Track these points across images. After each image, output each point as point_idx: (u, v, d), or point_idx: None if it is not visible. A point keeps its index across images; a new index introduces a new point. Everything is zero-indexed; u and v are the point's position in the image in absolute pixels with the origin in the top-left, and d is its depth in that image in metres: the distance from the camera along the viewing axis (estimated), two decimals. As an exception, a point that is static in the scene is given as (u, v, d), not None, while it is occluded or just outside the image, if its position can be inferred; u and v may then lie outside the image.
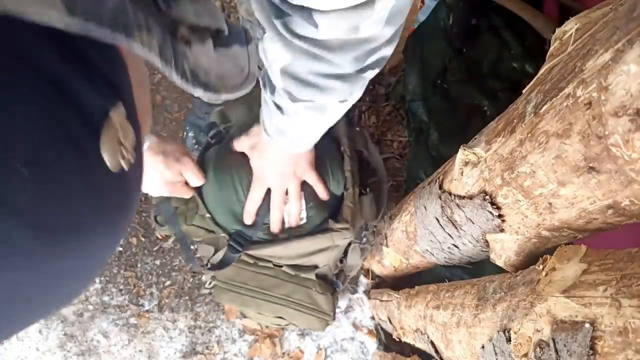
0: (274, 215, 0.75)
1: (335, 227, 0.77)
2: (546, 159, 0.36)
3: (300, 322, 0.84)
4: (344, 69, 0.51)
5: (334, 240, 0.78)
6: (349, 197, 0.80)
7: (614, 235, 0.40)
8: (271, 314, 0.84)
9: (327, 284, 0.84)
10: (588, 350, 0.32)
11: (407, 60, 1.33)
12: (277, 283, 0.81)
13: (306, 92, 0.54)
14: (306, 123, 0.61)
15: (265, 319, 0.89)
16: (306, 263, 0.82)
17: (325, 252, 0.80)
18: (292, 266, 0.82)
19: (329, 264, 0.82)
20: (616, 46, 0.27)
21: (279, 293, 0.81)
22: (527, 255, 0.49)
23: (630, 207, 0.32)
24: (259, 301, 0.81)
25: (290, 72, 0.52)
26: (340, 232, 0.77)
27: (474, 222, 0.53)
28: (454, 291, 0.67)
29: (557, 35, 0.43)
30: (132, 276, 1.36)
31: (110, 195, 0.23)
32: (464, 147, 0.51)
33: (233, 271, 0.81)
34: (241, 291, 0.81)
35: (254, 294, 0.81)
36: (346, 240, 0.79)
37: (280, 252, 0.79)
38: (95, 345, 1.33)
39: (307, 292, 0.81)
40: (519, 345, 0.43)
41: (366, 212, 0.84)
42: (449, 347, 0.65)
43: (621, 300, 0.30)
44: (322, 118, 0.60)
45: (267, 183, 0.74)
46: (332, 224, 0.78)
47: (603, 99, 0.28)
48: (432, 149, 1.28)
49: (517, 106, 0.44)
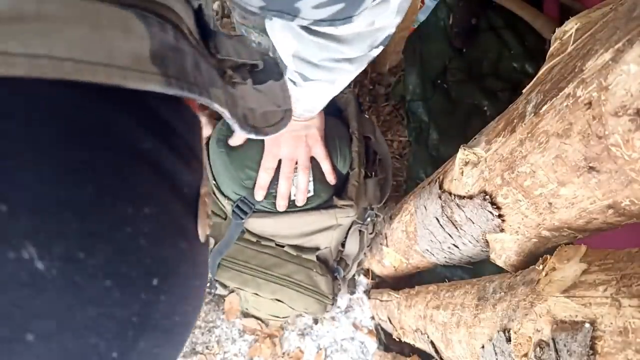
0: (282, 186, 0.75)
1: (339, 204, 0.78)
2: (546, 159, 0.36)
3: (298, 304, 0.85)
4: (354, 54, 0.53)
5: (337, 218, 0.78)
6: (355, 177, 0.82)
7: (614, 235, 0.40)
8: (270, 295, 0.84)
9: (327, 268, 0.85)
10: (588, 350, 0.32)
11: (407, 60, 1.33)
12: (279, 262, 0.82)
13: (318, 73, 0.56)
14: (317, 92, 0.64)
15: (263, 304, 0.89)
16: (308, 243, 0.83)
17: (327, 232, 0.80)
18: (294, 247, 0.82)
19: (330, 247, 0.83)
20: (616, 46, 0.27)
21: (279, 272, 0.82)
22: (527, 255, 0.49)
23: (630, 207, 0.32)
24: (258, 280, 0.82)
25: (302, 57, 0.54)
26: (343, 209, 0.78)
27: (474, 222, 0.53)
28: (454, 291, 0.67)
29: (557, 35, 0.43)
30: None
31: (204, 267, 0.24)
32: (464, 147, 0.51)
33: (235, 249, 0.81)
34: (242, 269, 0.82)
35: (254, 272, 0.82)
36: (349, 219, 0.79)
37: (283, 228, 0.80)
38: (95, 345, 1.33)
39: (308, 272, 0.82)
40: (519, 345, 0.43)
41: (370, 194, 0.84)
42: (449, 347, 0.65)
43: (621, 300, 0.30)
44: (332, 88, 0.63)
45: (280, 149, 0.75)
46: (336, 201, 0.79)
47: (603, 98, 0.28)
48: (432, 149, 1.28)
49: (517, 106, 0.44)
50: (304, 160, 0.76)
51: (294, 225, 0.79)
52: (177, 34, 0.24)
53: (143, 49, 0.20)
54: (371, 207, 0.84)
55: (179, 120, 0.23)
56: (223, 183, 0.78)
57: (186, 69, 0.23)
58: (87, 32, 0.18)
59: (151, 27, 0.22)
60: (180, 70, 0.22)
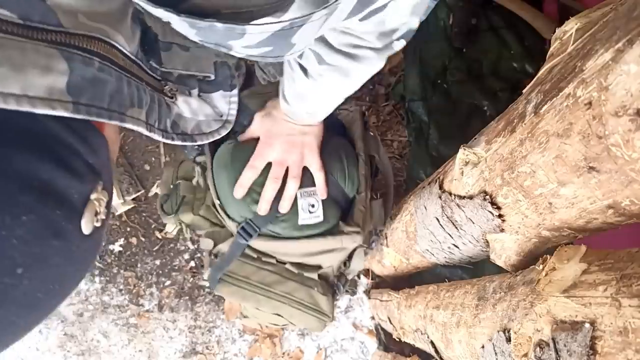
0: (267, 189, 0.72)
1: (346, 230, 0.77)
2: (546, 159, 0.36)
3: (298, 321, 0.84)
4: (374, 45, 0.53)
5: (343, 242, 0.77)
6: (362, 201, 0.80)
7: (614, 235, 0.40)
8: (270, 310, 0.83)
9: (328, 285, 0.84)
10: (588, 350, 0.32)
11: (407, 60, 1.33)
12: (279, 280, 0.80)
13: (335, 57, 0.55)
14: (327, 87, 0.62)
15: (263, 315, 0.89)
16: (310, 262, 0.81)
17: (331, 254, 0.79)
18: (296, 264, 0.81)
19: (333, 266, 0.82)
20: (616, 46, 0.27)
21: (280, 290, 0.80)
22: (527, 255, 0.49)
23: (630, 207, 0.32)
24: (259, 297, 0.81)
25: (322, 38, 0.53)
26: (350, 236, 0.76)
27: (474, 222, 0.53)
28: (454, 291, 0.67)
29: (557, 35, 0.43)
30: (132, 276, 1.36)
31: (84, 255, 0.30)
32: (464, 147, 0.51)
33: (236, 264, 0.80)
34: (242, 285, 0.81)
35: (255, 289, 0.81)
36: (355, 244, 0.78)
37: (288, 248, 0.79)
38: (95, 345, 1.33)
39: (309, 291, 0.81)
40: (519, 345, 0.43)
41: (376, 217, 0.83)
42: (449, 347, 0.65)
43: (621, 300, 0.30)
44: (344, 83, 0.61)
45: (272, 151, 0.72)
46: (342, 227, 0.77)
47: (603, 98, 0.28)
48: (432, 149, 1.28)
49: (517, 106, 0.44)
50: (294, 168, 0.73)
51: (300, 248, 0.78)
52: (103, 65, 0.30)
53: (59, 83, 0.26)
54: (376, 231, 0.83)
55: (81, 141, 0.29)
56: (229, 205, 0.76)
57: (102, 96, 0.29)
58: (6, 70, 0.24)
59: (73, 63, 0.27)
60: (94, 98, 0.28)
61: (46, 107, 0.25)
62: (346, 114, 0.90)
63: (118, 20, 0.31)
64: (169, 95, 0.40)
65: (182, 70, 0.41)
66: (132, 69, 0.33)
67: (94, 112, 0.28)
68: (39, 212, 0.25)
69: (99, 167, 0.30)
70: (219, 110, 0.46)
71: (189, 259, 1.36)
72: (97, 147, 0.31)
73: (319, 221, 0.76)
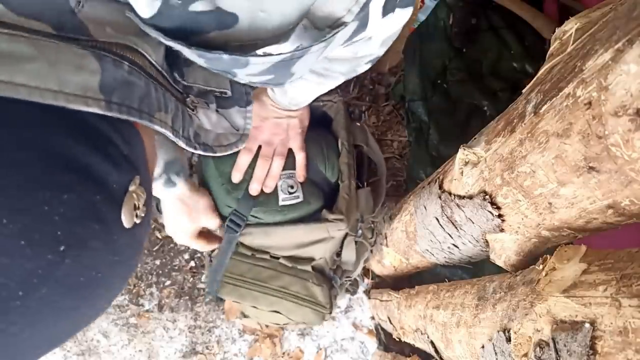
0: (258, 168, 0.76)
1: (330, 218, 0.78)
2: (546, 159, 0.36)
3: (296, 315, 0.84)
4: (342, 70, 0.58)
5: (329, 231, 0.78)
6: (345, 189, 0.82)
7: (614, 235, 0.40)
8: (268, 307, 0.84)
9: (323, 277, 0.85)
10: (588, 350, 0.32)
11: (407, 60, 1.33)
12: (274, 275, 0.81)
13: (310, 75, 0.59)
14: (304, 89, 0.66)
15: (262, 314, 0.89)
16: (303, 254, 0.82)
17: (321, 244, 0.80)
18: (289, 258, 0.82)
19: (325, 257, 0.83)
20: (616, 46, 0.27)
21: (275, 285, 0.81)
22: (527, 255, 0.49)
23: (630, 207, 0.32)
24: (255, 293, 0.82)
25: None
26: (334, 223, 0.78)
27: (474, 222, 0.53)
28: (454, 291, 0.67)
29: (557, 35, 0.43)
30: (132, 276, 1.36)
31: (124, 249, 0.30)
32: (464, 147, 0.51)
33: (230, 264, 0.81)
34: (238, 283, 0.81)
35: (250, 286, 0.81)
36: (341, 232, 0.79)
37: (276, 241, 0.80)
38: (95, 345, 1.32)
39: (304, 283, 0.82)
40: (519, 345, 0.43)
41: (362, 205, 0.84)
42: (449, 346, 0.65)
43: (621, 300, 0.30)
44: (319, 88, 0.65)
45: (261, 134, 0.76)
46: (326, 214, 0.79)
47: (603, 98, 0.28)
48: (432, 149, 1.28)
49: (517, 106, 0.44)
50: (280, 147, 0.78)
51: (286, 237, 0.79)
52: (132, 69, 0.32)
53: (92, 81, 0.28)
54: (362, 218, 0.84)
55: (117, 134, 0.30)
56: (216, 198, 0.78)
57: (132, 97, 0.31)
58: (43, 67, 0.26)
59: (105, 64, 0.29)
60: (125, 98, 0.30)
61: (80, 104, 0.27)
62: (330, 105, 0.92)
63: (144, 34, 0.34)
64: (190, 107, 0.43)
65: (202, 84, 0.44)
66: (158, 78, 0.36)
67: (124, 111, 0.30)
68: (80, 193, 0.26)
69: (134, 159, 0.31)
70: (235, 125, 0.50)
71: (188, 259, 1.36)
72: (131, 139, 0.32)
73: (299, 201, 0.78)
